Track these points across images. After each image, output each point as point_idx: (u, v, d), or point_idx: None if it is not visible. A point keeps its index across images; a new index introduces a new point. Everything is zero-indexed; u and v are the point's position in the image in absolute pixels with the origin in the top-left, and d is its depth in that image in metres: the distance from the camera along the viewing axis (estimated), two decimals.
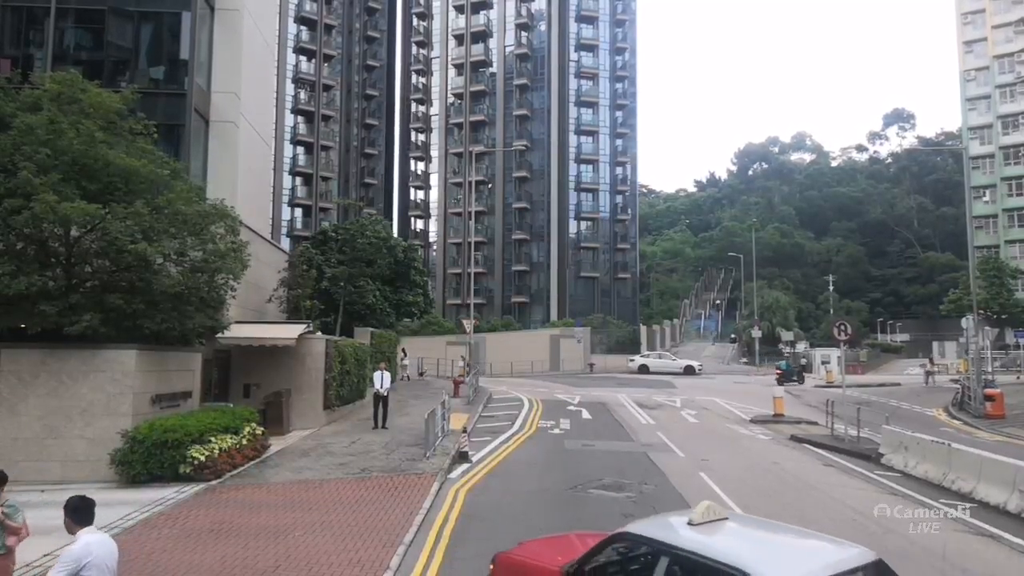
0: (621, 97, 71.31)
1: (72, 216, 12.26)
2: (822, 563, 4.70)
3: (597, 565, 5.72)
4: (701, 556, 4.88)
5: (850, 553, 4.91)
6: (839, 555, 4.87)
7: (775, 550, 5.15)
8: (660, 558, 5.13)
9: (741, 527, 5.78)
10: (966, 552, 9.56)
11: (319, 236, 33.73)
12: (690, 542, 5.09)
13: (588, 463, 15.47)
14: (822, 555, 4.94)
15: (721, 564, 4.71)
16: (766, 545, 5.30)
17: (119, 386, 13.27)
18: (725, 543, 5.11)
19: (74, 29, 21.00)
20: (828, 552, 5.03)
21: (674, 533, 5.34)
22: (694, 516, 5.46)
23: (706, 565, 4.80)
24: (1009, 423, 23.15)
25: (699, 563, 4.87)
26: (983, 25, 65.60)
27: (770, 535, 5.78)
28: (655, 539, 5.36)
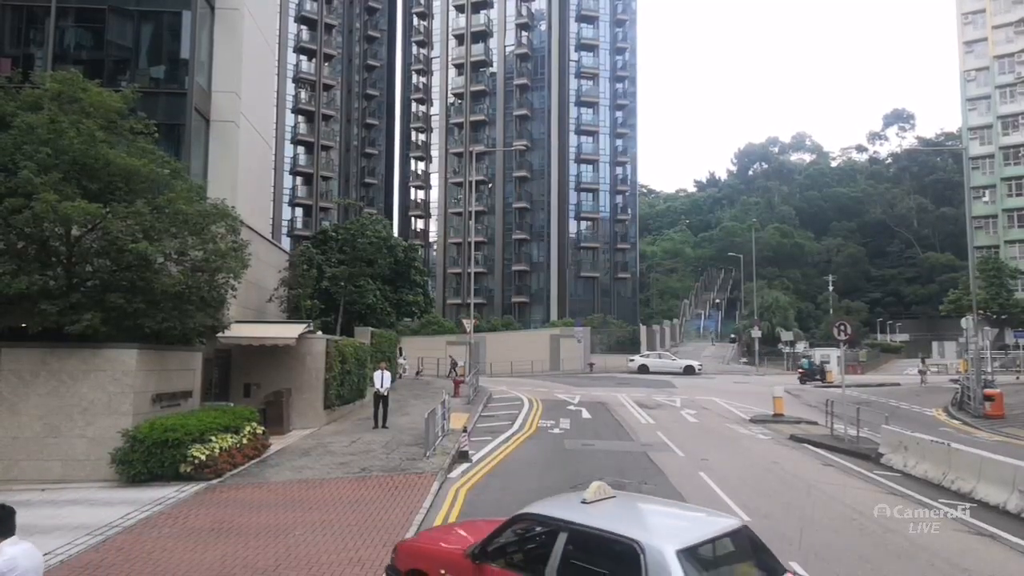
0: (621, 97, 71.32)
1: (73, 215, 12.27)
2: (698, 530, 5.50)
3: (500, 545, 6.17)
4: (597, 529, 5.56)
5: (721, 521, 5.81)
6: (712, 523, 5.75)
7: (660, 521, 5.91)
8: (559, 534, 5.69)
9: (629, 503, 6.60)
10: (966, 552, 9.57)
11: (319, 236, 33.74)
12: (586, 518, 5.74)
13: (588, 463, 15.48)
14: (698, 524, 5.80)
15: (615, 535, 5.38)
16: (652, 517, 6.03)
17: (120, 385, 13.28)
18: (617, 517, 5.82)
19: (74, 28, 21.00)
20: (703, 521, 5.93)
21: (571, 511, 5.94)
22: (587, 495, 6.13)
23: (602, 537, 5.48)
24: (1008, 423, 23.17)
25: (595, 536, 5.54)
26: (983, 25, 65.62)
27: (655, 509, 6.68)
28: (554, 517, 5.93)
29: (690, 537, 5.30)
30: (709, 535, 5.48)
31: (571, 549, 5.58)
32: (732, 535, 5.59)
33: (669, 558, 4.98)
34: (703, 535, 5.44)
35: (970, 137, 65.86)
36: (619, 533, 5.39)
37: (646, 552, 5.07)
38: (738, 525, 5.72)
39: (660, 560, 4.99)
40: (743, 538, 5.64)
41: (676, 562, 4.96)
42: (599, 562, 5.46)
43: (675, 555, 5.01)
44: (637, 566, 5.03)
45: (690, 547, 5.17)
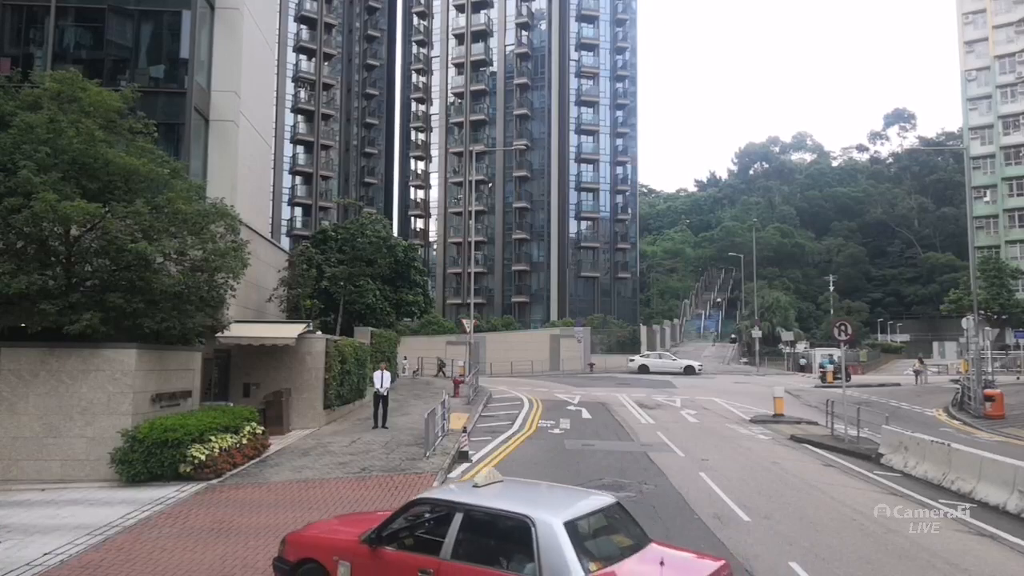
0: (621, 96, 71.29)
1: (72, 215, 12.25)
2: (579, 506, 6.28)
3: (395, 529, 6.60)
4: (491, 509, 6.24)
5: (598, 499, 6.65)
6: (590, 500, 6.58)
7: (546, 500, 6.70)
8: (455, 515, 6.26)
9: (517, 486, 7.43)
10: (966, 552, 9.55)
11: (319, 235, 33.73)
12: (480, 499, 6.38)
13: (588, 463, 15.46)
14: (578, 501, 6.54)
15: (508, 513, 6.09)
16: (539, 497, 6.90)
17: (119, 385, 13.27)
18: (508, 498, 6.53)
19: (74, 28, 20.99)
20: (582, 499, 6.68)
21: (464, 495, 6.55)
22: (478, 480, 6.79)
23: (496, 515, 6.18)
24: (1009, 423, 23.16)
25: (490, 514, 6.22)
26: (984, 25, 65.58)
27: (540, 490, 7.58)
28: (449, 500, 6.53)
29: (573, 512, 6.05)
30: (589, 509, 6.27)
31: (466, 528, 6.17)
32: (606, 510, 6.43)
33: (557, 529, 5.70)
34: (584, 510, 6.22)
35: (971, 137, 65.82)
36: (511, 511, 6.08)
37: (537, 525, 5.74)
38: (612, 501, 6.61)
39: (549, 532, 5.68)
40: (616, 512, 6.50)
41: (564, 532, 5.69)
42: (494, 537, 6.17)
43: (562, 526, 5.74)
44: (529, 538, 5.70)
45: (573, 520, 5.91)
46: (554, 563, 5.54)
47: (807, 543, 9.76)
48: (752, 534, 10.11)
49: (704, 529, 10.34)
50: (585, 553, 5.70)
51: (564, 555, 5.54)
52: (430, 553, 6.21)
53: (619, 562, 5.88)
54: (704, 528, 10.39)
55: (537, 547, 5.62)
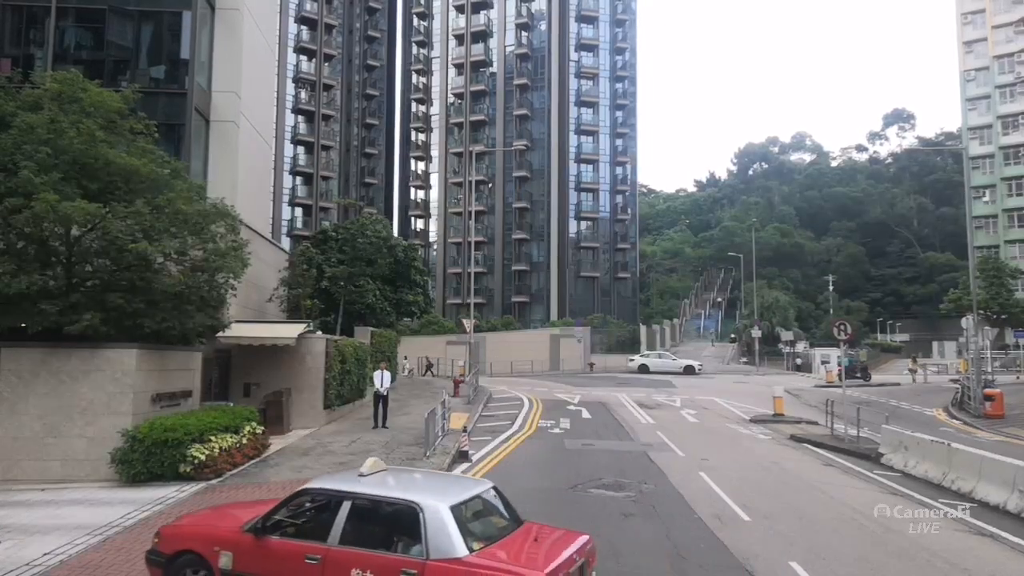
0: (621, 97, 71.29)
1: (73, 215, 12.25)
2: (462, 492, 6.76)
3: (280, 518, 6.83)
4: (379, 496, 6.69)
5: (477, 485, 7.21)
6: (470, 486, 7.11)
7: (431, 486, 7.13)
8: (343, 503, 6.60)
9: (400, 475, 7.90)
10: (966, 552, 9.57)
11: (319, 235, 33.73)
12: (367, 488, 6.78)
13: (588, 462, 15.47)
14: (460, 487, 7.05)
15: (396, 499, 6.58)
16: (424, 484, 7.30)
17: (119, 385, 13.27)
18: (394, 486, 7.03)
19: (74, 28, 20.98)
20: (463, 484, 7.25)
21: (351, 484, 6.90)
22: (363, 470, 7.16)
23: (384, 502, 6.64)
24: (1009, 423, 23.17)
25: (378, 501, 6.67)
26: (983, 25, 65.60)
27: (424, 479, 8.05)
28: (336, 489, 6.85)
29: (457, 497, 6.56)
30: (470, 494, 6.81)
31: (354, 515, 6.53)
32: (485, 495, 7.04)
33: (444, 513, 6.21)
34: (466, 495, 6.74)
35: (970, 137, 65.86)
36: (399, 497, 6.58)
37: (425, 510, 6.23)
38: (490, 486, 7.22)
39: (437, 516, 6.19)
40: (493, 497, 7.10)
41: (450, 515, 6.21)
42: (381, 523, 6.58)
43: (448, 510, 6.25)
44: (417, 522, 6.19)
45: (457, 504, 6.43)
46: (441, 544, 6.05)
47: (807, 543, 9.77)
48: (752, 534, 10.12)
49: (704, 529, 10.35)
50: (469, 534, 6.25)
51: (451, 536, 6.08)
52: (317, 540, 6.48)
53: (499, 541, 6.47)
54: (704, 528, 10.40)
55: (425, 530, 6.12)
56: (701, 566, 8.69)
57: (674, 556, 9.06)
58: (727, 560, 8.96)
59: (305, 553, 6.44)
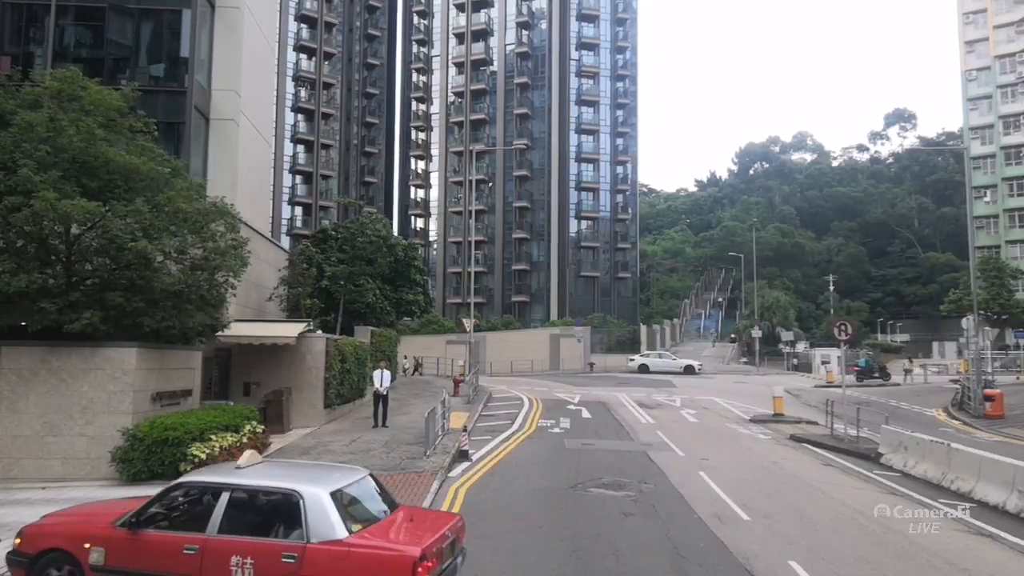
0: (622, 96, 71.24)
1: (72, 214, 12.25)
2: (339, 480, 7.13)
3: (155, 512, 6.96)
4: (260, 486, 6.94)
5: (354, 472, 7.62)
6: (347, 474, 7.47)
7: (309, 475, 7.35)
8: (221, 494, 6.79)
9: (278, 466, 8.24)
10: (966, 552, 9.56)
11: (319, 234, 33.70)
12: (246, 479, 7.02)
13: (588, 462, 15.46)
14: (337, 475, 7.39)
15: (276, 488, 6.83)
16: (302, 474, 7.48)
17: (119, 384, 13.27)
18: (273, 476, 7.26)
19: (74, 27, 20.98)
20: (340, 472, 7.59)
21: (229, 476, 7.12)
22: (241, 462, 7.39)
23: (264, 492, 6.91)
24: (1009, 423, 23.16)
25: (258, 491, 6.93)
26: (985, 25, 65.52)
27: (302, 469, 8.32)
28: (215, 481, 7.05)
29: (335, 484, 6.92)
30: (348, 481, 7.18)
31: (234, 505, 6.73)
32: (362, 482, 7.42)
33: (324, 499, 6.56)
34: (344, 482, 7.10)
35: (971, 137, 65.77)
36: (279, 486, 6.85)
37: (305, 497, 6.54)
38: (366, 474, 7.64)
39: (316, 502, 6.53)
40: (370, 483, 7.53)
41: (330, 501, 6.57)
42: (262, 512, 6.82)
43: (328, 496, 6.61)
44: (298, 509, 6.50)
45: (336, 490, 6.80)
46: (322, 528, 6.41)
47: (807, 542, 9.77)
48: (752, 533, 10.12)
49: (704, 528, 10.34)
50: (348, 517, 6.64)
51: (331, 520, 6.46)
52: (195, 531, 6.65)
53: (376, 523, 6.92)
54: (704, 527, 10.39)
55: (305, 516, 6.45)
56: (701, 565, 8.69)
57: (674, 555, 9.06)
58: (727, 560, 8.95)
59: (183, 544, 6.58)
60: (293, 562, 6.30)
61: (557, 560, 8.81)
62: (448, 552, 6.91)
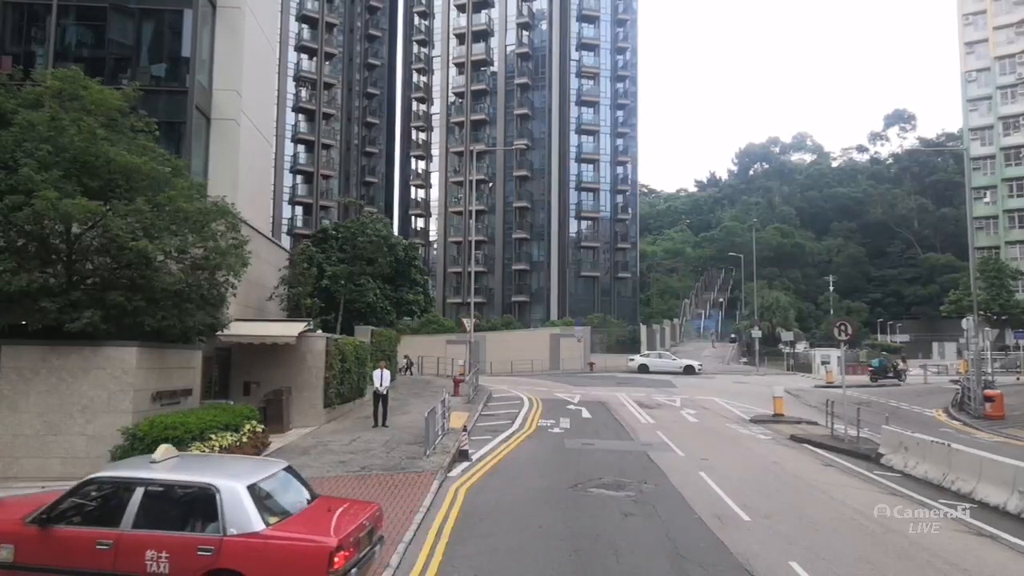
0: (622, 96, 71.24)
1: (73, 213, 12.25)
2: (257, 473, 7.25)
3: (68, 507, 6.93)
4: (175, 480, 7.02)
5: (272, 465, 7.72)
6: (265, 467, 7.66)
7: (226, 469, 7.45)
8: (136, 489, 6.83)
9: (194, 460, 8.35)
10: (966, 552, 9.56)
11: (320, 234, 33.71)
12: (161, 474, 7.09)
13: (588, 462, 15.46)
14: (255, 468, 7.55)
15: (192, 483, 6.92)
16: (219, 467, 7.60)
17: (120, 383, 13.27)
18: (189, 470, 7.35)
19: (75, 26, 20.98)
20: (258, 465, 7.82)
21: (144, 471, 7.16)
22: (156, 456, 7.47)
23: (179, 486, 6.97)
24: (1009, 424, 23.16)
25: (173, 486, 6.98)
26: (984, 26, 65.55)
27: (218, 462, 8.45)
28: (128, 476, 7.07)
29: (252, 478, 7.02)
30: (265, 474, 7.30)
31: (149, 499, 6.78)
32: (281, 474, 7.55)
33: (241, 492, 6.67)
34: (261, 475, 7.22)
35: (971, 138, 65.79)
36: (195, 481, 6.93)
37: (222, 491, 6.64)
38: (284, 466, 7.80)
39: (233, 494, 6.63)
40: (288, 476, 7.66)
41: (246, 493, 6.69)
42: (178, 506, 6.88)
43: (245, 489, 6.71)
44: (214, 503, 6.59)
45: (253, 483, 6.91)
46: (238, 520, 6.51)
47: (807, 543, 9.77)
48: (752, 533, 10.12)
49: (704, 528, 10.35)
50: (265, 510, 6.76)
51: (247, 512, 6.57)
52: (109, 526, 6.66)
53: (294, 514, 7.06)
54: (704, 527, 10.40)
55: (222, 509, 6.54)
56: (701, 565, 8.69)
57: (674, 556, 9.06)
58: (727, 560, 8.95)
59: (96, 539, 6.58)
60: (209, 555, 6.39)
61: (557, 560, 8.82)
62: (365, 541, 7.13)
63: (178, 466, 7.39)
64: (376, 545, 7.50)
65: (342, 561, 6.49)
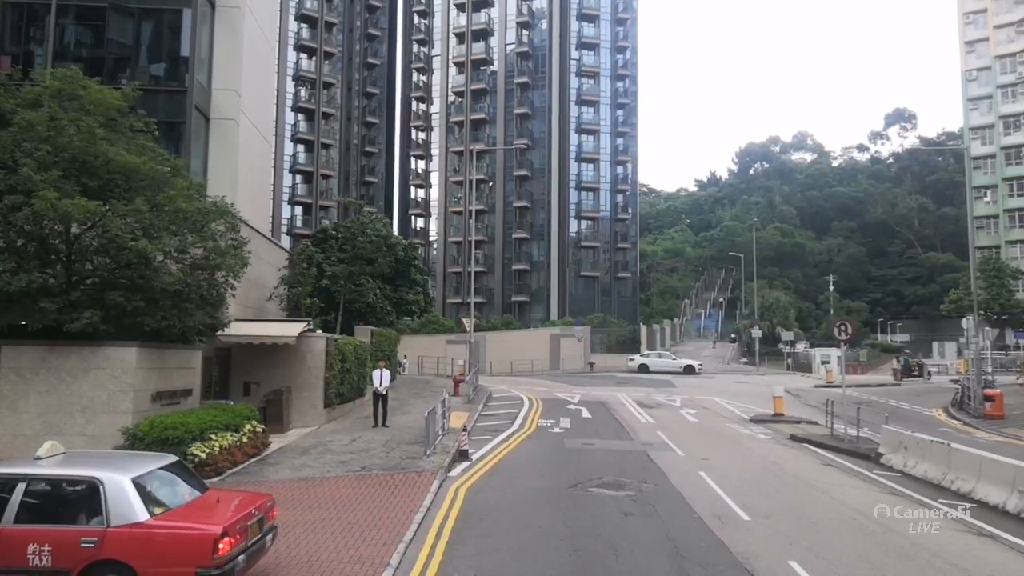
0: (622, 96, 71.23)
1: (72, 213, 12.25)
2: (143, 466, 7.39)
3: None
4: (59, 475, 7.14)
5: (160, 459, 7.91)
6: (152, 460, 7.79)
7: (111, 463, 7.50)
8: (17, 485, 6.90)
9: (79, 456, 8.33)
10: (966, 552, 9.56)
11: (319, 234, 33.69)
12: (45, 469, 7.21)
13: (588, 462, 15.46)
14: (141, 461, 7.67)
15: (76, 477, 7.05)
16: (104, 462, 7.60)
17: (120, 383, 13.27)
18: (73, 465, 7.44)
19: (75, 26, 20.97)
20: (144, 459, 7.89)
21: (27, 467, 7.32)
22: (40, 453, 7.59)
23: (63, 480, 7.12)
24: (1009, 423, 23.15)
25: (57, 480, 7.12)
26: (985, 25, 65.52)
27: (104, 457, 8.57)
28: (9, 472, 7.15)
29: (137, 471, 7.16)
30: (152, 467, 7.46)
31: (31, 495, 6.87)
32: (169, 468, 7.71)
33: (126, 485, 6.82)
34: (147, 468, 7.37)
35: (971, 137, 65.77)
36: (79, 475, 7.05)
37: (106, 484, 6.77)
38: (173, 459, 8.07)
39: (118, 488, 6.78)
40: (176, 468, 7.86)
41: (131, 486, 6.83)
42: (62, 500, 7.02)
43: (130, 482, 6.87)
44: (98, 496, 6.72)
45: (139, 476, 7.06)
46: (123, 511, 6.68)
47: (807, 542, 9.77)
48: (752, 533, 10.12)
49: (704, 528, 10.34)
50: (151, 501, 6.94)
51: (132, 504, 6.73)
52: None
53: (182, 505, 7.22)
54: (704, 527, 10.39)
55: (106, 502, 6.69)
56: (701, 565, 8.69)
57: (674, 555, 9.05)
58: (727, 559, 8.95)
59: None
60: (92, 546, 6.56)
61: (557, 560, 8.81)
62: (255, 529, 7.32)
63: (63, 462, 7.55)
64: (268, 534, 7.68)
65: (228, 547, 6.65)
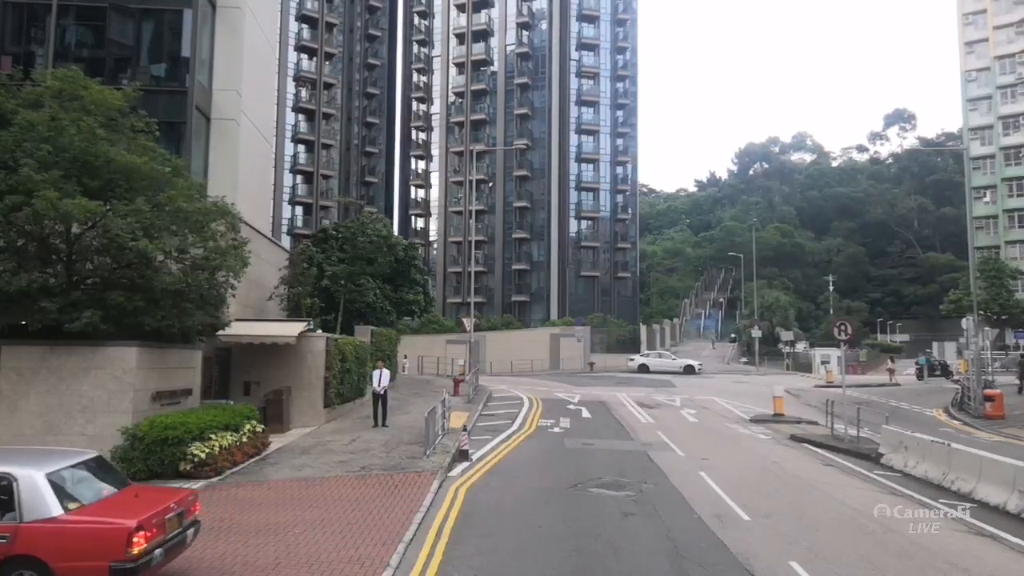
0: (622, 96, 71.26)
1: (73, 213, 12.25)
2: (60, 461, 7.39)
3: None
4: None
5: (79, 454, 7.90)
6: (70, 456, 7.78)
7: (27, 459, 7.45)
8: None
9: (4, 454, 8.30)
10: (966, 552, 9.56)
11: (320, 234, 33.69)
12: None
13: (588, 462, 15.46)
14: (59, 457, 7.65)
15: None
16: (19, 458, 7.56)
17: (120, 383, 13.27)
18: None
19: (75, 26, 20.97)
20: (63, 455, 7.85)
21: None
22: None
23: None
24: (1009, 423, 23.15)
25: None
26: (984, 26, 65.55)
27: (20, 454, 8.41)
28: None
29: (53, 466, 7.17)
30: (69, 463, 7.44)
31: None
32: (88, 463, 7.70)
33: (40, 480, 6.83)
34: (64, 463, 7.38)
35: (971, 137, 65.80)
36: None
37: (19, 479, 6.77)
38: (94, 455, 8.03)
39: (31, 483, 6.79)
40: (96, 464, 7.85)
41: (46, 482, 6.84)
42: None
43: (44, 477, 6.87)
44: (11, 491, 6.73)
45: (54, 471, 7.07)
46: (36, 507, 6.70)
47: (807, 542, 9.77)
48: (752, 533, 10.12)
49: (704, 528, 10.35)
50: (67, 496, 6.95)
51: (45, 499, 6.75)
52: None
53: (99, 501, 7.24)
54: (704, 527, 10.40)
55: (19, 497, 6.70)
56: (701, 565, 8.69)
57: (674, 555, 9.06)
58: (727, 559, 8.95)
59: None
60: (4, 542, 6.59)
61: (557, 560, 8.82)
62: (175, 523, 7.39)
63: None
64: (188, 529, 7.71)
65: (143, 541, 6.69)
